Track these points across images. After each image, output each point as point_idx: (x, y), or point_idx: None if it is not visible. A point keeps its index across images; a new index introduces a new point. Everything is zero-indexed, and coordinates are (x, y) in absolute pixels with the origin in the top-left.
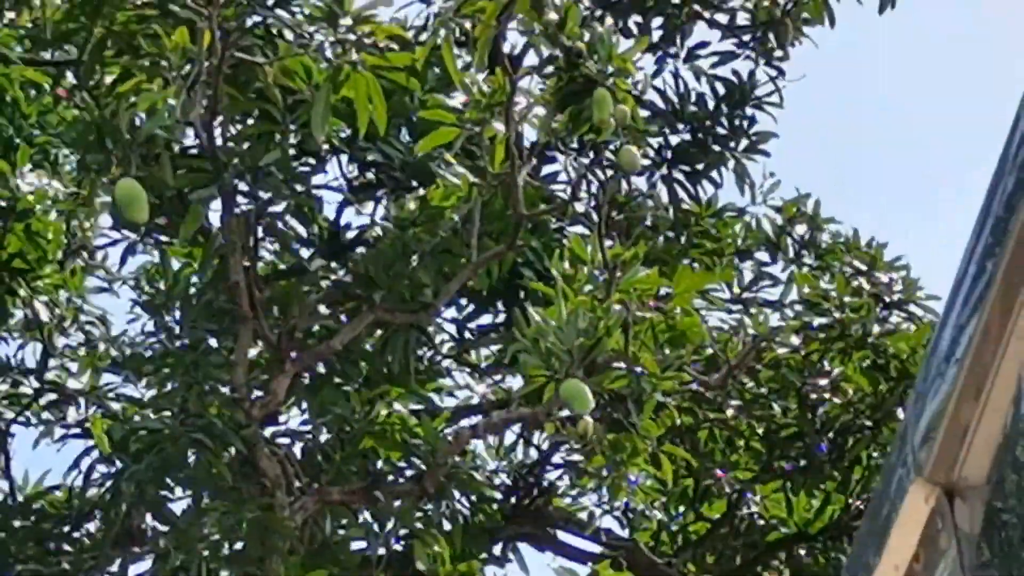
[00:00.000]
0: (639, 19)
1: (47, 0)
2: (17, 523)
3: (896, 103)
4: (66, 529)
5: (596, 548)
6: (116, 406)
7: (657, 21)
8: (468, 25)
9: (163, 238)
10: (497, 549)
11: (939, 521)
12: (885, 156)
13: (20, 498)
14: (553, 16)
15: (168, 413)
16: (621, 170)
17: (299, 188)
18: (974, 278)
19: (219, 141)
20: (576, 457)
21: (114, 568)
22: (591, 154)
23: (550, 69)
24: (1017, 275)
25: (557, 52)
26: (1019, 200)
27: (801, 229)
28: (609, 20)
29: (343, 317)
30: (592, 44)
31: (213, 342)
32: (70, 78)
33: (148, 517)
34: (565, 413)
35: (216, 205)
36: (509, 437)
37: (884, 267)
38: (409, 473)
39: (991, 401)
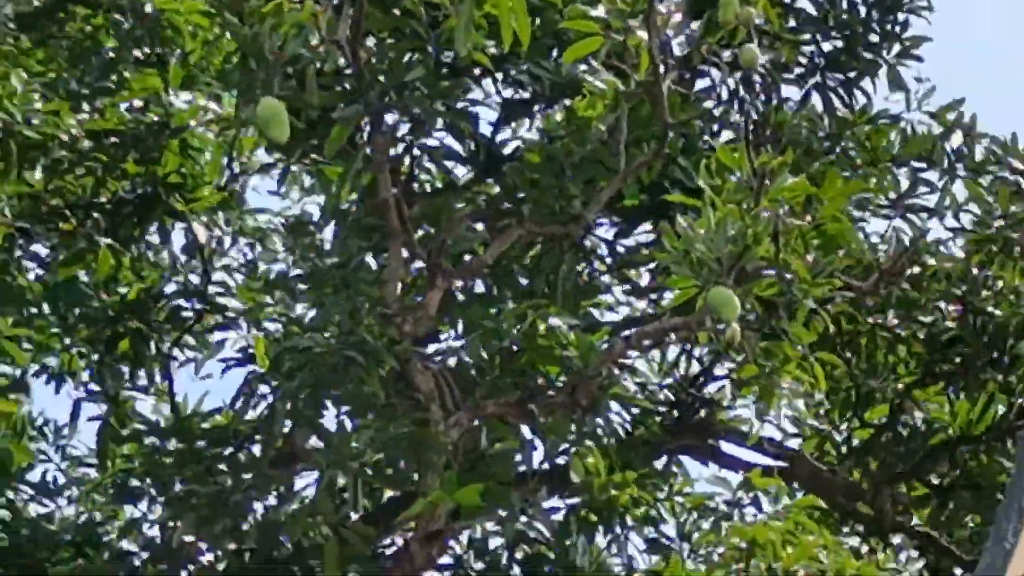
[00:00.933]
0: None
1: None
2: (177, 444)
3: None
4: (228, 451)
5: (759, 459)
6: (274, 326)
7: None
8: None
9: (317, 158)
10: (660, 463)
11: None
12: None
13: (179, 421)
14: None
15: (324, 333)
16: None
17: (449, 105)
18: None
19: (364, 59)
20: (732, 368)
21: (272, 487)
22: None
23: None
24: None
25: None
26: None
27: (957, 139)
28: None
29: (494, 231)
30: None
31: (368, 259)
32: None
33: (306, 436)
34: (721, 325)
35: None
36: (672, 352)
37: None
38: (562, 384)
39: None
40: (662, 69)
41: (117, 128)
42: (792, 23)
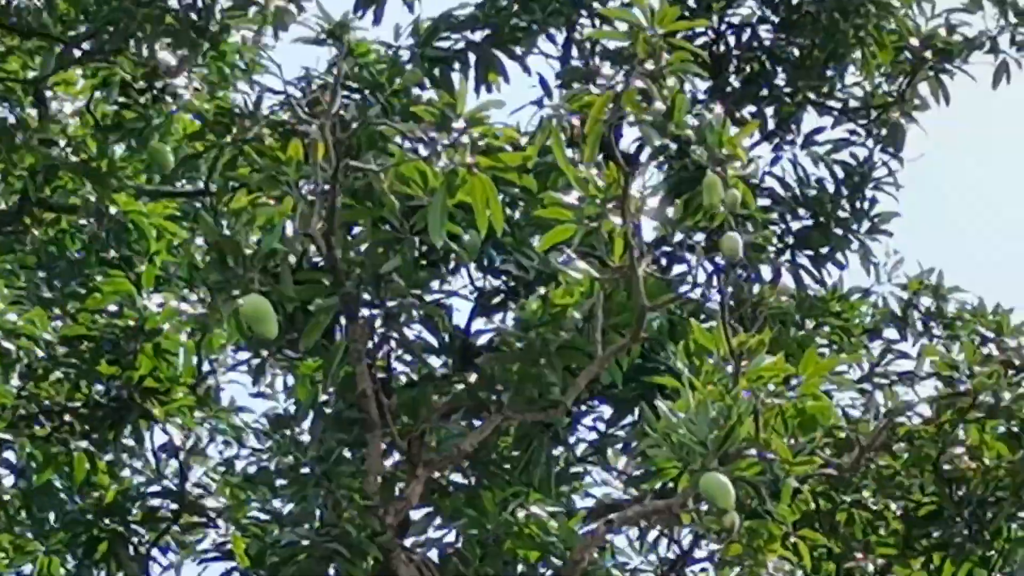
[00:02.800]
0: (753, 109)
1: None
2: None
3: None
4: None
5: None
6: (253, 523)
7: (771, 110)
8: (577, 121)
9: (291, 353)
10: None
11: None
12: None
13: None
14: (660, 106)
15: (305, 526)
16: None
17: (427, 297)
18: None
19: (339, 252)
20: (715, 547)
21: None
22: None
23: (661, 159)
24: None
25: (667, 142)
26: None
27: (927, 301)
28: (719, 108)
29: (473, 421)
30: (701, 131)
31: (346, 453)
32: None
33: None
34: (703, 506)
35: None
36: (652, 535)
37: (1011, 332)
38: (547, 574)
39: None
40: (637, 253)
41: (90, 333)
42: (762, 202)
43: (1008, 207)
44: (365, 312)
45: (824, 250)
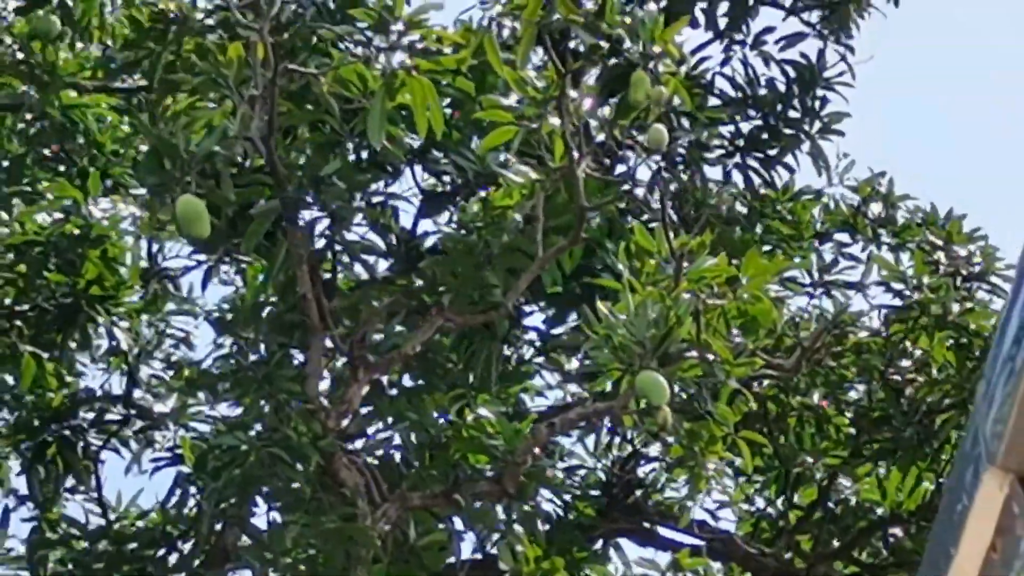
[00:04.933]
0: (704, 6)
1: (115, 29)
2: (107, 547)
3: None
4: (160, 552)
5: (694, 541)
6: (202, 427)
7: (723, 8)
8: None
9: (237, 256)
10: (597, 546)
11: (1015, 507)
12: (960, 126)
13: (109, 524)
14: (592, 5)
15: (246, 431)
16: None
17: (370, 200)
18: None
19: (279, 155)
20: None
21: None
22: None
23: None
24: None
25: (600, 41)
26: None
27: (877, 208)
28: (652, 5)
29: (414, 324)
30: (632, 28)
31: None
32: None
33: (236, 534)
34: (643, 405)
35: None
36: (604, 436)
37: (962, 240)
38: (489, 473)
39: None
40: (576, 155)
41: (37, 239)
42: (713, 102)
43: (964, 112)
44: (307, 215)
45: (774, 151)
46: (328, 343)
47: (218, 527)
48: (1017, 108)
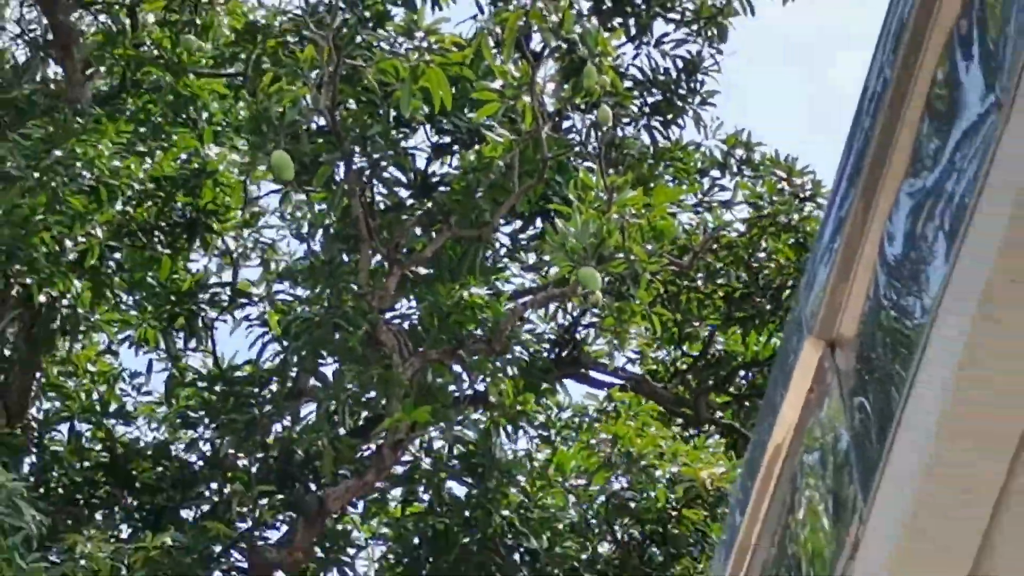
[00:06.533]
0: (620, 20)
1: (221, 33)
2: (221, 388)
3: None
4: (255, 391)
5: (617, 381)
6: (285, 305)
7: (632, 21)
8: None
9: (309, 189)
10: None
11: (826, 363)
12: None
13: (221, 372)
14: (555, 19)
15: (316, 307)
16: (606, 123)
17: (399, 151)
18: (850, 176)
19: (339, 122)
20: (595, 320)
21: (286, 415)
22: (593, 114)
23: (556, 56)
24: (876, 169)
25: (559, 43)
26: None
27: (740, 152)
28: (596, 20)
29: (429, 236)
30: (583, 36)
31: (344, 257)
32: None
33: (308, 378)
34: (584, 291)
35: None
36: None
37: (797, 173)
38: (481, 336)
39: (858, 279)
40: (541, 122)
41: (170, 174)
42: (627, 84)
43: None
44: (357, 162)
45: (669, 116)
46: (371, 249)
47: (295, 374)
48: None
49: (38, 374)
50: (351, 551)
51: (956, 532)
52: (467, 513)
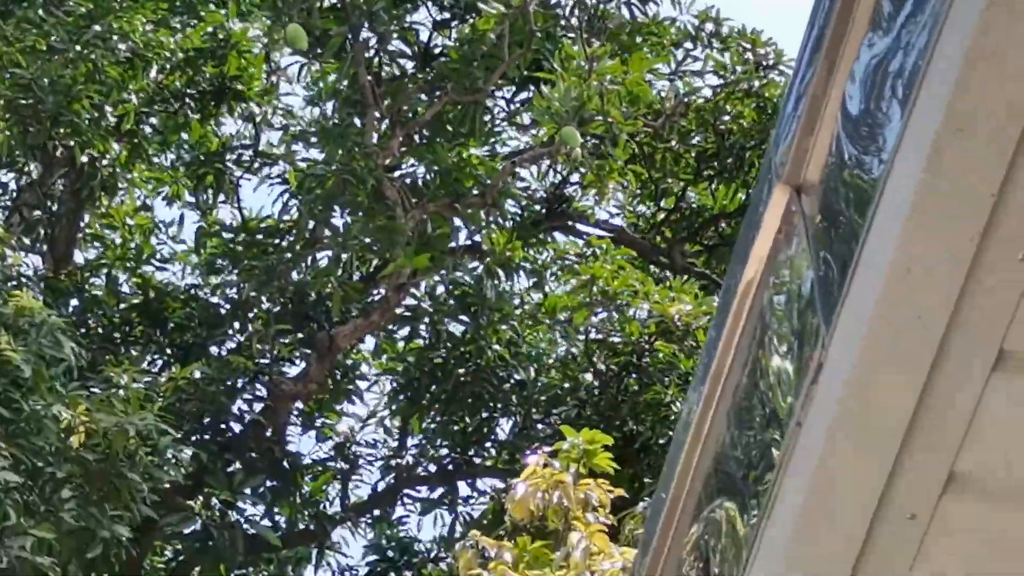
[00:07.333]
0: None
1: None
2: (244, 237)
3: None
4: (275, 240)
5: (600, 232)
6: (301, 164)
7: None
8: None
9: (321, 59)
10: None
11: (792, 207)
12: None
13: (245, 223)
14: None
15: (329, 164)
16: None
17: (403, 24)
18: (813, 43)
19: None
20: (580, 176)
21: (302, 261)
22: None
23: None
24: (839, 30)
25: None
26: None
27: (710, 27)
28: None
29: (430, 101)
30: None
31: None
32: None
33: (322, 229)
34: (567, 148)
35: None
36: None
37: (761, 44)
38: (476, 191)
39: (821, 137)
40: None
41: (199, 46)
42: None
43: None
44: (364, 34)
45: None
46: (377, 113)
47: (311, 225)
48: None
49: (82, 225)
50: (361, 384)
51: (912, 344)
52: (462, 348)
